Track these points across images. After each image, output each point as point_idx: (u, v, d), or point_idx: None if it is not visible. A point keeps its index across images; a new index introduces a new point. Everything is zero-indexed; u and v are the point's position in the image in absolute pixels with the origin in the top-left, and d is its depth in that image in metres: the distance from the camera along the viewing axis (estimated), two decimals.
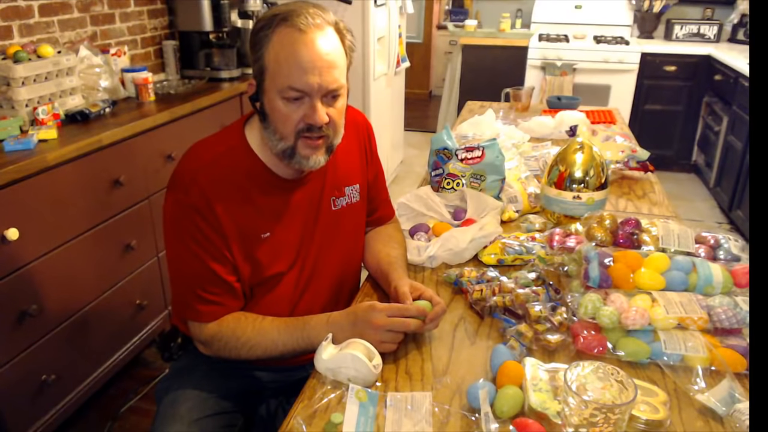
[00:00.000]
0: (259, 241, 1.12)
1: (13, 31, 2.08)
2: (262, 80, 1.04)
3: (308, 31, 1.00)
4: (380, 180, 1.37)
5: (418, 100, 6.77)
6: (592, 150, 1.43)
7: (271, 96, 1.03)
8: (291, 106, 1.02)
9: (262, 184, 1.11)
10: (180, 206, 1.06)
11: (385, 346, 1.01)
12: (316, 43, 1.00)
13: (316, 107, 1.02)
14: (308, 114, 1.03)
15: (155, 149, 2.19)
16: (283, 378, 1.28)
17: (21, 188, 1.64)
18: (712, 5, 4.58)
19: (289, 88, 1.01)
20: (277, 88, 1.02)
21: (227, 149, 1.11)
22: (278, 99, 1.02)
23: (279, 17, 1.00)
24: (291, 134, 1.05)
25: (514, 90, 2.68)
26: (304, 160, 1.07)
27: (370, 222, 1.37)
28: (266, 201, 1.12)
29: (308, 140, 1.05)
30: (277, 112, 1.04)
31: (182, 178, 1.07)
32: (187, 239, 1.06)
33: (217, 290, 1.09)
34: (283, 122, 1.04)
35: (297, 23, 0.99)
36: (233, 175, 1.09)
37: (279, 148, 1.06)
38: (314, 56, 0.99)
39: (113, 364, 2.07)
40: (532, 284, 1.17)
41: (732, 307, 1.01)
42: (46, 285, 1.76)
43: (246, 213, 1.09)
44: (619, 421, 0.76)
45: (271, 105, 1.04)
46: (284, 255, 1.16)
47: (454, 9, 5.79)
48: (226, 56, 2.84)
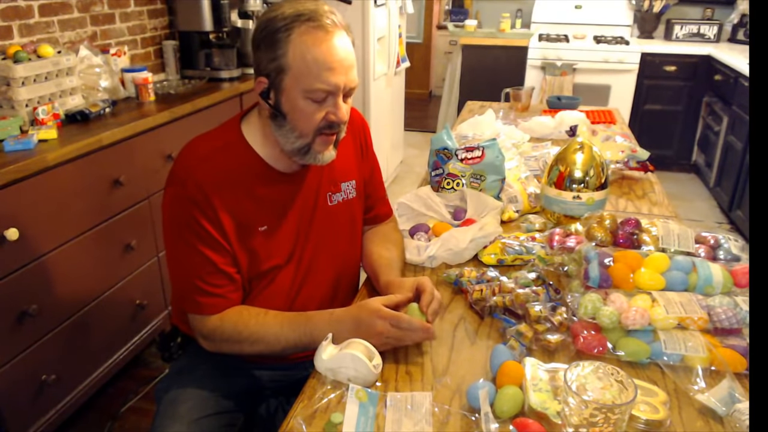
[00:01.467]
0: (256, 234, 1.12)
1: (13, 31, 2.08)
2: (279, 79, 1.04)
3: (333, 30, 1.01)
4: (376, 177, 1.37)
5: (418, 100, 6.77)
6: (592, 150, 1.43)
7: (293, 95, 1.04)
8: (315, 105, 1.04)
9: (259, 177, 1.12)
10: (178, 200, 1.07)
11: (384, 347, 1.01)
12: (339, 43, 1.02)
13: (340, 105, 1.05)
14: (332, 112, 1.05)
15: (155, 149, 2.19)
16: (283, 378, 1.28)
17: (21, 188, 1.64)
18: (712, 5, 4.58)
19: (317, 90, 1.02)
20: (302, 87, 1.02)
21: (224, 144, 1.11)
22: (301, 98, 1.03)
23: (303, 17, 1.00)
24: (311, 132, 1.06)
25: (514, 90, 2.68)
26: (319, 156, 1.09)
27: (367, 220, 1.37)
28: (263, 194, 1.13)
29: (325, 136, 1.08)
30: (299, 111, 1.04)
31: (179, 172, 1.08)
32: (186, 232, 1.07)
33: (218, 281, 1.10)
34: (306, 121, 1.05)
35: (322, 23, 1.00)
36: (230, 168, 1.09)
37: (295, 145, 1.08)
38: (341, 58, 1.02)
39: (113, 364, 2.07)
40: (532, 284, 1.17)
41: (732, 307, 1.01)
42: (46, 285, 1.76)
43: (243, 206, 1.10)
44: (619, 421, 0.76)
45: (292, 104, 1.05)
46: (281, 248, 1.16)
47: (454, 9, 5.79)
48: (226, 56, 2.84)
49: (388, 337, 1.00)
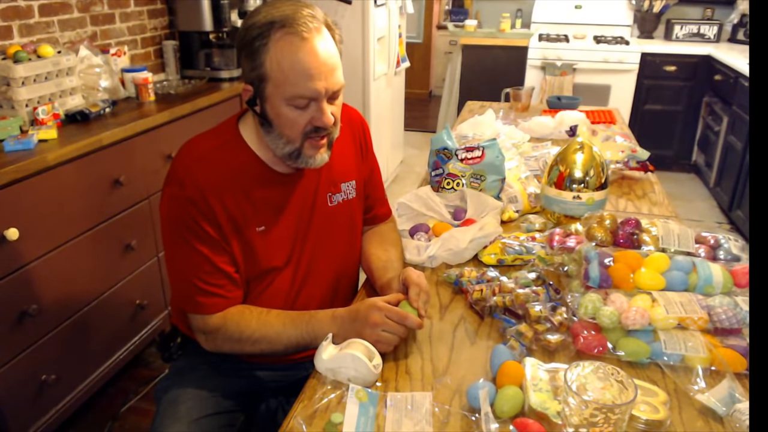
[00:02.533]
0: (254, 234, 1.12)
1: (13, 31, 2.08)
2: (262, 88, 1.04)
3: (309, 37, 0.99)
4: (376, 177, 1.37)
5: (418, 100, 6.77)
6: (592, 150, 1.43)
7: (276, 103, 1.03)
8: (298, 111, 1.03)
9: (258, 177, 1.12)
10: (176, 200, 1.07)
11: (381, 346, 1.00)
12: (318, 48, 1.00)
13: (324, 110, 1.04)
14: (316, 117, 1.04)
15: (155, 149, 2.18)
16: (283, 378, 1.28)
17: (21, 188, 1.64)
18: (712, 5, 4.58)
19: (298, 97, 1.01)
20: (283, 96, 1.02)
21: (222, 143, 1.12)
22: (284, 106, 1.03)
23: (276, 24, 0.99)
24: (298, 137, 1.06)
25: (514, 90, 2.68)
26: (310, 160, 1.09)
27: (366, 221, 1.37)
28: (261, 194, 1.12)
29: (314, 140, 1.07)
30: (283, 118, 1.04)
31: (177, 172, 1.08)
32: (185, 232, 1.07)
33: (217, 281, 1.10)
34: (291, 127, 1.05)
35: (297, 30, 0.98)
36: (228, 168, 1.09)
37: (285, 151, 1.08)
38: (319, 63, 1.00)
39: (113, 364, 2.07)
40: (532, 284, 1.16)
41: (732, 307, 1.01)
42: (46, 285, 1.76)
43: (241, 206, 1.10)
44: (619, 421, 0.76)
45: (275, 111, 1.04)
46: (279, 249, 1.16)
47: (454, 9, 5.80)
48: (226, 56, 2.84)
49: (384, 330, 1.00)
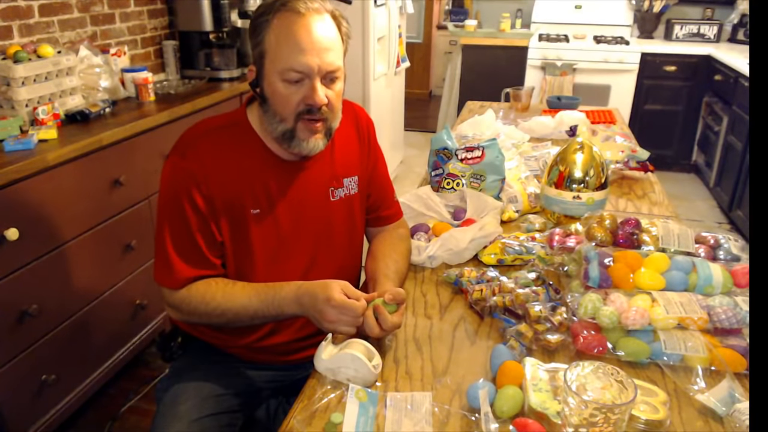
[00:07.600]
0: (249, 216, 1.13)
1: (13, 31, 2.08)
2: (261, 65, 1.07)
3: (307, 14, 1.04)
4: (382, 175, 1.36)
5: (418, 100, 6.77)
6: (592, 150, 1.43)
7: (272, 79, 1.06)
8: (291, 88, 1.05)
9: (259, 161, 1.14)
10: (176, 169, 1.09)
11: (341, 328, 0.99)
12: (314, 26, 1.04)
13: (315, 88, 1.05)
14: (308, 95, 1.05)
15: (155, 149, 2.18)
16: (283, 378, 1.28)
17: (21, 188, 1.64)
18: (712, 5, 4.58)
19: (289, 70, 1.04)
20: (277, 69, 1.05)
21: (229, 124, 1.15)
22: (278, 81, 1.05)
23: (279, 3, 1.04)
24: (291, 116, 1.07)
25: (514, 90, 2.68)
26: (303, 143, 1.10)
27: (374, 221, 1.35)
28: (261, 177, 1.13)
29: (308, 122, 1.08)
30: (277, 95, 1.06)
31: (182, 143, 1.11)
32: (175, 200, 1.09)
33: (189, 253, 1.11)
34: (284, 104, 1.07)
35: (296, 7, 1.04)
36: (231, 147, 1.12)
37: (279, 130, 1.09)
38: (313, 38, 1.03)
39: (113, 364, 2.07)
40: (532, 284, 1.16)
41: (732, 307, 1.01)
42: (46, 285, 1.76)
43: (239, 185, 1.11)
44: (619, 421, 0.76)
45: (271, 88, 1.07)
46: (273, 235, 1.16)
47: (454, 9, 5.79)
48: (226, 56, 2.84)
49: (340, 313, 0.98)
